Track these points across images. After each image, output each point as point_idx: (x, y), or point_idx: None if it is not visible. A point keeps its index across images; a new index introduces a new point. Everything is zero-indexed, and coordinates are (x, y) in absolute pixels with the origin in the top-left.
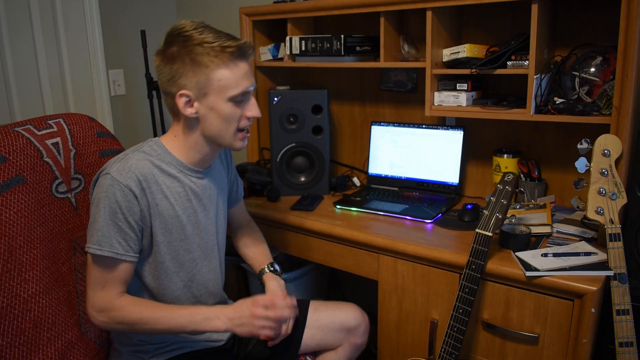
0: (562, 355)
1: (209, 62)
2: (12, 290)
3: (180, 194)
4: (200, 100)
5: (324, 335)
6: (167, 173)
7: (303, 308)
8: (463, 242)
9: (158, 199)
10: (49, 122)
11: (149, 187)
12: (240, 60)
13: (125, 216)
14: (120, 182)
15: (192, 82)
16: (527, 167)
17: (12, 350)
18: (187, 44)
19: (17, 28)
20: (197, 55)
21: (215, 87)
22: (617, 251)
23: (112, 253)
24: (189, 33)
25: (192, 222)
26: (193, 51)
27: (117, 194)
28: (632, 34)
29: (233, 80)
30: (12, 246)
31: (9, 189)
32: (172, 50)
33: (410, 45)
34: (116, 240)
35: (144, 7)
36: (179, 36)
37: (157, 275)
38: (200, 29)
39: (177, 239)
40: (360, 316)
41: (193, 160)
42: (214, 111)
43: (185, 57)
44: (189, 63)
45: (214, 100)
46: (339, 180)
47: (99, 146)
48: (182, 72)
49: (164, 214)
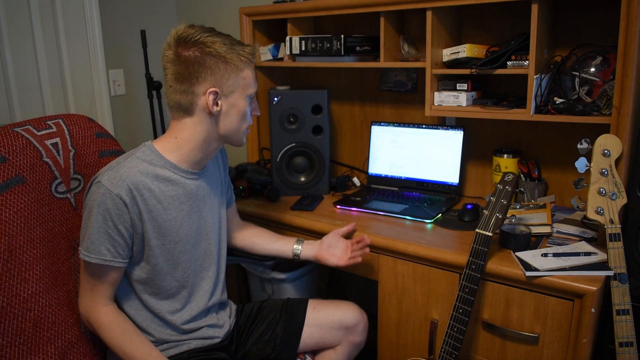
0: (562, 355)
1: (239, 62)
2: (12, 289)
3: (173, 197)
4: (227, 97)
5: (322, 334)
6: (160, 177)
7: (302, 307)
8: (463, 242)
9: (150, 205)
10: (48, 122)
11: (141, 195)
12: (250, 65)
13: (116, 224)
14: (112, 191)
15: (222, 80)
16: (527, 167)
17: (12, 349)
18: (210, 43)
19: (17, 28)
20: (227, 53)
21: (241, 85)
22: (617, 251)
23: (100, 260)
24: (206, 36)
25: (187, 223)
26: (219, 50)
27: (107, 202)
28: (632, 34)
29: (252, 79)
30: (12, 246)
31: (9, 188)
32: (192, 52)
33: (410, 45)
34: (105, 247)
35: (144, 7)
36: (195, 40)
37: (150, 277)
38: (212, 33)
39: (171, 241)
40: (358, 314)
41: (191, 160)
42: (235, 108)
43: (213, 59)
44: (221, 63)
45: (237, 97)
46: (339, 180)
47: (98, 147)
48: (210, 72)
49: (157, 218)
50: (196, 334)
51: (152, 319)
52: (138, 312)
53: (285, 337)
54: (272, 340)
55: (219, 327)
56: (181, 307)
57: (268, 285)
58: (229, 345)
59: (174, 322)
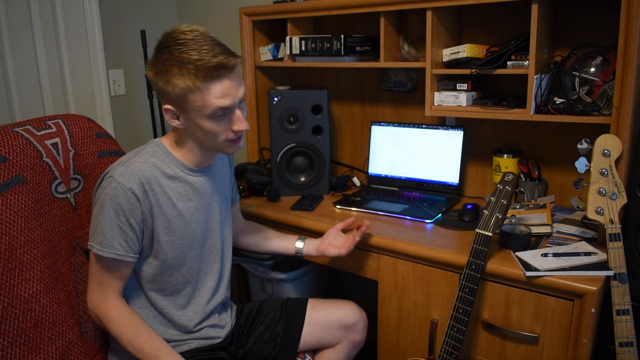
0: (562, 355)
1: (183, 84)
2: (14, 289)
3: (182, 193)
4: (184, 115)
5: (322, 333)
6: (168, 174)
7: (301, 306)
8: (463, 242)
9: (161, 200)
10: (48, 122)
11: (152, 189)
12: (216, 79)
13: (128, 218)
14: (124, 185)
15: (172, 99)
16: (527, 167)
17: (13, 349)
18: (167, 63)
19: (17, 28)
20: (172, 77)
21: (192, 107)
22: (617, 251)
23: (114, 254)
24: (171, 48)
25: (195, 219)
26: (169, 71)
27: (120, 196)
28: (632, 34)
29: (208, 100)
30: (12, 246)
31: (9, 188)
32: (157, 65)
33: (410, 45)
34: (117, 242)
35: (144, 7)
36: (163, 50)
37: (158, 272)
38: (182, 45)
39: (180, 237)
40: (358, 313)
41: (192, 161)
42: (197, 127)
43: (166, 76)
44: (170, 82)
45: (195, 117)
46: (339, 180)
47: (97, 147)
48: (164, 89)
49: (167, 214)
50: (198, 334)
51: (155, 317)
52: (142, 310)
53: (285, 336)
54: (272, 339)
55: (220, 327)
56: (185, 304)
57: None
58: (229, 345)
59: (178, 319)
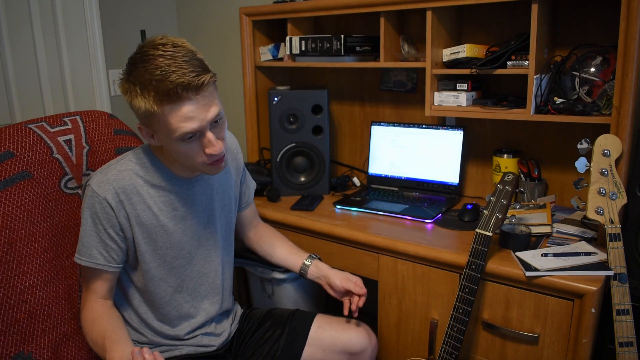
0: (562, 355)
1: (144, 107)
2: (10, 281)
3: (165, 202)
4: (157, 135)
5: (324, 356)
6: (150, 183)
7: (307, 323)
8: (463, 242)
9: (140, 210)
10: (65, 119)
11: (129, 199)
12: (178, 102)
13: (105, 228)
14: (99, 194)
15: (140, 119)
16: (527, 167)
17: (6, 338)
18: (131, 81)
19: (17, 28)
20: (135, 97)
21: (158, 130)
22: (617, 251)
23: (92, 263)
24: (137, 65)
25: (180, 229)
26: (132, 91)
27: (96, 205)
28: (632, 34)
29: (171, 125)
30: (12, 239)
31: (14, 183)
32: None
33: (410, 45)
34: (97, 251)
35: (144, 7)
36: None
37: (144, 282)
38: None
39: (162, 247)
40: (365, 340)
41: (179, 170)
42: (171, 148)
43: (130, 95)
44: (133, 103)
45: (164, 139)
46: (339, 180)
47: (115, 143)
48: (131, 108)
49: (146, 223)
50: (190, 342)
51: (145, 327)
52: (132, 319)
53: (284, 354)
54: (271, 355)
55: (215, 335)
56: (177, 315)
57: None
58: (224, 355)
59: (168, 332)
